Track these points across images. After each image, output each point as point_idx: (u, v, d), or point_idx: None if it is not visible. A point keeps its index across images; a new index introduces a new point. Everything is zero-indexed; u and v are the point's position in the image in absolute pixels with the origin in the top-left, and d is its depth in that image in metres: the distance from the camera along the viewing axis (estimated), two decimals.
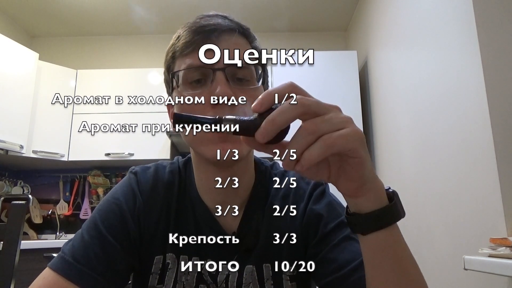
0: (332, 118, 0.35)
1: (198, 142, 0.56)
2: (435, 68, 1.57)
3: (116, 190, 0.64)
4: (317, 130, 0.34)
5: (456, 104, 1.39)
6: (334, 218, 0.59)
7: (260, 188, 0.65)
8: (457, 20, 1.37)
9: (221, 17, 0.58)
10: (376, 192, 0.41)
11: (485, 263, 0.95)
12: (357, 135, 0.35)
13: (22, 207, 0.93)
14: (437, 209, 1.54)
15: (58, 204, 2.89)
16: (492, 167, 1.16)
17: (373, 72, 2.47)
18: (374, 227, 0.41)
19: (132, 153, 2.70)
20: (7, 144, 2.35)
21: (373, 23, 2.49)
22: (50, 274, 0.54)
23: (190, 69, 0.55)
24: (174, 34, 0.60)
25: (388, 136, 2.18)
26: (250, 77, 0.56)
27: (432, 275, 1.51)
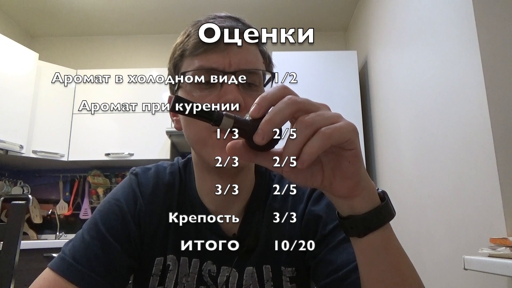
0: (325, 113, 0.35)
1: (201, 144, 0.55)
2: (435, 68, 1.57)
3: (117, 191, 0.64)
4: (314, 123, 0.34)
5: (456, 103, 1.39)
6: (333, 219, 0.59)
7: (260, 189, 0.65)
8: (457, 20, 1.37)
9: (234, 19, 0.58)
10: (370, 191, 0.40)
11: (485, 263, 0.95)
12: (351, 127, 0.36)
13: (22, 207, 0.93)
14: (437, 209, 1.54)
15: (58, 204, 2.90)
16: (492, 167, 1.16)
17: (373, 72, 2.47)
18: (371, 228, 0.40)
19: (132, 153, 2.70)
20: (7, 144, 2.35)
21: (373, 23, 2.49)
22: (50, 274, 0.54)
23: (200, 70, 0.54)
24: (183, 31, 0.60)
25: (388, 136, 2.18)
26: (258, 83, 0.57)
27: (432, 275, 1.51)
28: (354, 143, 0.36)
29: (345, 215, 0.41)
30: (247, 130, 0.35)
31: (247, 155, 0.36)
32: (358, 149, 0.37)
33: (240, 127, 0.35)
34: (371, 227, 0.40)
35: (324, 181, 0.39)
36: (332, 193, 0.40)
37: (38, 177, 2.95)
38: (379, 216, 0.41)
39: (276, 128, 0.34)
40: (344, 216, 0.42)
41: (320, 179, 0.39)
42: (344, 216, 0.42)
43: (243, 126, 0.35)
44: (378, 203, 0.41)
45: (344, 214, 0.42)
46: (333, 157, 0.38)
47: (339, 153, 0.37)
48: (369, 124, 2.52)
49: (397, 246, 0.44)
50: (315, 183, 0.39)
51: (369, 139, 2.51)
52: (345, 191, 0.39)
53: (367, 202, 0.40)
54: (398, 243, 0.44)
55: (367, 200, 0.40)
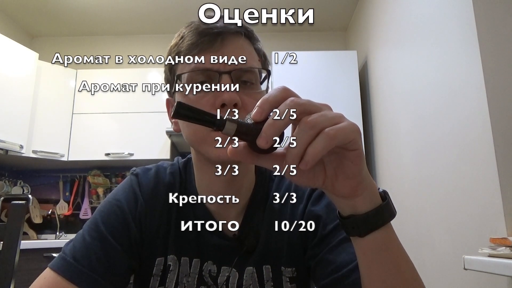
0: (327, 114, 0.35)
1: (200, 141, 0.56)
2: (435, 68, 1.57)
3: (117, 192, 0.64)
4: (318, 124, 0.34)
5: (456, 103, 1.39)
6: (333, 219, 0.59)
7: (260, 189, 0.65)
8: (457, 20, 1.37)
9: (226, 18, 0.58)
10: (372, 191, 0.41)
11: (485, 263, 0.95)
12: (354, 127, 0.36)
13: (22, 207, 0.93)
14: (437, 209, 1.54)
15: (58, 204, 2.90)
16: (492, 167, 1.16)
17: (373, 72, 2.47)
18: (373, 227, 0.40)
19: (132, 153, 2.70)
20: (7, 144, 2.34)
21: (373, 23, 2.49)
22: (50, 274, 0.54)
23: (196, 71, 0.55)
24: (177, 33, 0.60)
25: (388, 136, 2.18)
26: (254, 80, 0.57)
27: (432, 275, 1.51)
28: (357, 143, 0.36)
29: (346, 215, 0.41)
30: (250, 134, 0.34)
31: (250, 158, 0.36)
32: (361, 149, 0.37)
33: (243, 131, 0.35)
34: (372, 227, 0.40)
35: (326, 181, 0.39)
36: (334, 193, 0.40)
37: (38, 177, 2.95)
38: (380, 216, 0.41)
39: (280, 131, 0.34)
40: (345, 215, 0.42)
41: (322, 179, 0.39)
42: (345, 215, 0.42)
43: (246, 130, 0.35)
44: (379, 202, 0.41)
45: (345, 214, 0.42)
46: (336, 157, 0.38)
47: (342, 154, 0.37)
48: (369, 124, 2.52)
49: (398, 245, 0.44)
50: (317, 183, 0.39)
51: (369, 139, 2.51)
52: (347, 191, 0.39)
53: (368, 201, 0.40)
54: (399, 243, 0.44)
55: (368, 200, 0.40)
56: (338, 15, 3.05)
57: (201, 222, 0.63)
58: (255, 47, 0.60)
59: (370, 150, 2.49)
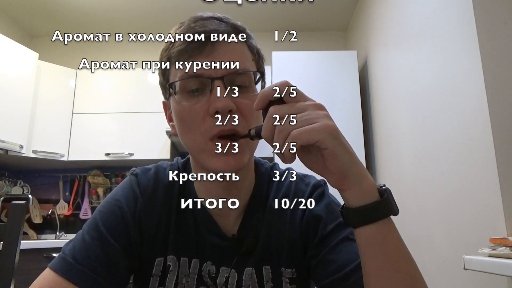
0: (304, 115, 0.40)
1: (198, 151, 0.55)
2: (435, 68, 1.57)
3: (117, 192, 0.64)
4: (285, 129, 0.40)
5: (456, 103, 1.39)
6: (333, 219, 0.59)
7: (260, 190, 0.65)
8: (457, 20, 1.37)
9: (217, 19, 0.57)
10: (362, 187, 0.43)
11: (485, 263, 0.95)
12: (325, 128, 0.40)
13: (22, 207, 0.93)
14: (437, 209, 1.54)
15: (58, 204, 2.89)
16: (492, 167, 1.16)
17: (373, 72, 2.47)
18: (361, 222, 0.43)
19: (132, 153, 2.70)
20: (7, 144, 2.34)
21: (372, 23, 2.49)
22: (50, 274, 0.54)
23: (187, 79, 0.54)
24: (167, 36, 0.59)
25: (388, 136, 2.18)
26: (248, 83, 0.56)
27: (432, 275, 1.51)
28: (325, 143, 0.40)
29: (343, 205, 0.45)
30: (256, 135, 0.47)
31: None
32: (332, 149, 0.40)
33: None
34: (363, 221, 0.43)
35: (320, 170, 0.44)
36: (329, 184, 0.46)
37: (38, 177, 2.95)
38: (373, 212, 0.43)
39: (267, 98, 0.43)
40: (342, 205, 0.46)
41: (317, 168, 0.44)
42: (342, 205, 0.46)
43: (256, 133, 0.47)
44: (374, 199, 0.43)
45: (343, 204, 0.45)
46: (316, 154, 0.43)
47: (319, 152, 0.42)
48: (369, 124, 2.52)
49: (397, 243, 0.44)
50: (316, 170, 0.44)
51: (369, 139, 2.51)
52: (333, 184, 0.44)
53: (359, 197, 0.43)
54: (398, 241, 0.44)
55: (359, 195, 0.43)
56: (338, 15, 3.05)
57: (200, 222, 0.63)
58: (248, 45, 0.59)
59: (370, 150, 2.49)
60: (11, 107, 2.42)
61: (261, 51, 0.61)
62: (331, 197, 0.65)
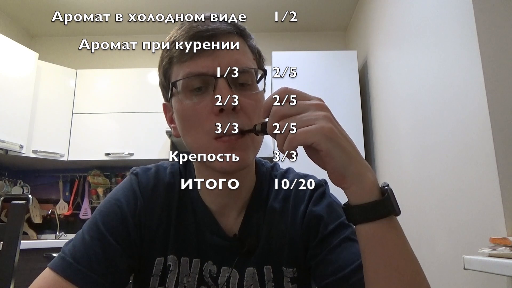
0: (303, 117, 0.42)
1: (202, 151, 0.55)
2: (435, 68, 1.57)
3: (117, 191, 0.64)
4: (284, 130, 0.42)
5: (456, 103, 1.39)
6: (334, 219, 0.59)
7: (261, 190, 0.65)
8: (457, 20, 1.37)
9: (218, 19, 0.57)
10: (362, 187, 0.43)
11: (485, 263, 0.95)
12: (321, 130, 0.41)
13: (22, 207, 0.93)
14: (437, 209, 1.54)
15: (58, 204, 2.89)
16: (492, 167, 1.16)
17: (373, 72, 2.47)
18: (363, 219, 0.44)
19: (132, 153, 2.70)
20: (7, 144, 2.34)
21: (373, 23, 2.49)
22: (50, 274, 0.54)
23: (190, 78, 0.53)
24: (168, 36, 0.58)
25: (388, 135, 2.18)
26: (251, 81, 0.56)
27: (432, 275, 1.51)
28: (320, 145, 0.41)
29: (346, 202, 0.46)
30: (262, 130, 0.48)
31: None
32: (327, 151, 0.41)
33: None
34: (363, 218, 0.44)
35: (323, 167, 0.45)
36: None
37: (38, 177, 2.95)
38: (372, 211, 0.43)
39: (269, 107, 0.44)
40: (346, 202, 0.46)
41: (321, 165, 0.45)
42: (346, 202, 0.46)
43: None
44: (374, 198, 0.43)
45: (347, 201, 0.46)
46: (315, 155, 0.44)
47: (317, 152, 0.42)
48: (369, 124, 2.52)
49: (397, 241, 0.44)
50: (321, 166, 0.45)
51: (369, 139, 2.51)
52: (333, 182, 0.45)
53: (358, 196, 0.44)
54: (399, 239, 0.44)
55: (358, 194, 0.44)
56: (338, 15, 3.05)
57: (201, 222, 0.63)
58: (248, 45, 0.59)
59: (370, 150, 2.49)
60: (11, 107, 2.42)
61: (261, 51, 0.62)
62: (332, 197, 0.65)
